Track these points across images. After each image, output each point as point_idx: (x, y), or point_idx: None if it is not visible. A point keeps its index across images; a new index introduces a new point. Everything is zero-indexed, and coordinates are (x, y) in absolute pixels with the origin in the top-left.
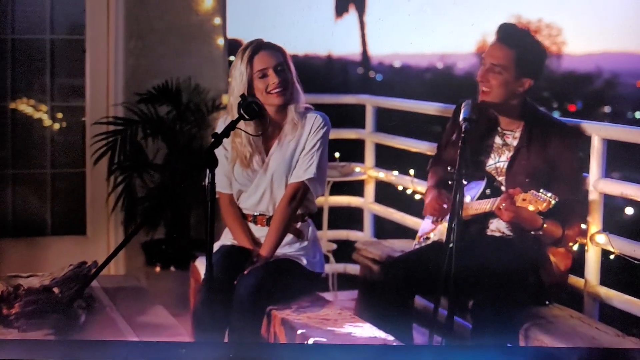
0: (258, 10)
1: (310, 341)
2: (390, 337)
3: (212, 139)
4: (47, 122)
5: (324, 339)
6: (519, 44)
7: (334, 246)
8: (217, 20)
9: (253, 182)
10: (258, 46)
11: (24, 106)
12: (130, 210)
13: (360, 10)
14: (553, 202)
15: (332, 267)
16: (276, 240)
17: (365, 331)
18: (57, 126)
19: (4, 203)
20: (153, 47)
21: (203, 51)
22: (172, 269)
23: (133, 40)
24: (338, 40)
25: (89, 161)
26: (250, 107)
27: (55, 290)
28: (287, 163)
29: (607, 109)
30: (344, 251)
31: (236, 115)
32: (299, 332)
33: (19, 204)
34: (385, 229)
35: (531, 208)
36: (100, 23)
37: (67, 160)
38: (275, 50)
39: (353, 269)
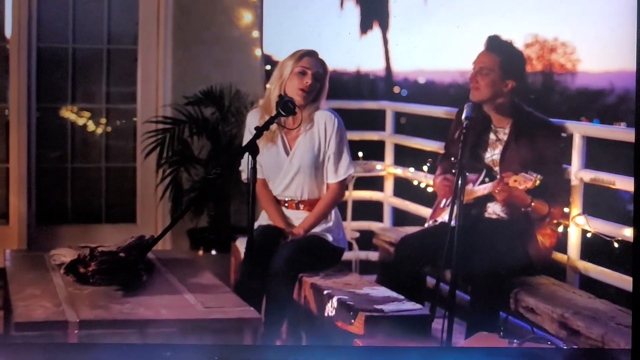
0: (292, 26)
1: (335, 299)
2: (401, 297)
3: (255, 131)
4: (102, 122)
5: (346, 297)
6: (503, 51)
7: (357, 234)
8: (255, 34)
9: (282, 171)
10: (311, 52)
11: (82, 108)
12: (177, 201)
13: (384, 28)
14: (538, 181)
15: (355, 254)
16: (314, 223)
17: (380, 292)
18: (111, 126)
19: (64, 193)
20: (198, 57)
21: (242, 61)
22: (213, 252)
23: (180, 50)
24: (365, 56)
25: (140, 157)
26: (286, 105)
27: (122, 254)
28: (312, 157)
29: (622, 125)
30: (367, 240)
31: (272, 110)
32: (325, 292)
33: (77, 194)
34: (402, 219)
35: (521, 187)
36: (151, 35)
37: (119, 156)
38: (321, 62)
39: (374, 255)
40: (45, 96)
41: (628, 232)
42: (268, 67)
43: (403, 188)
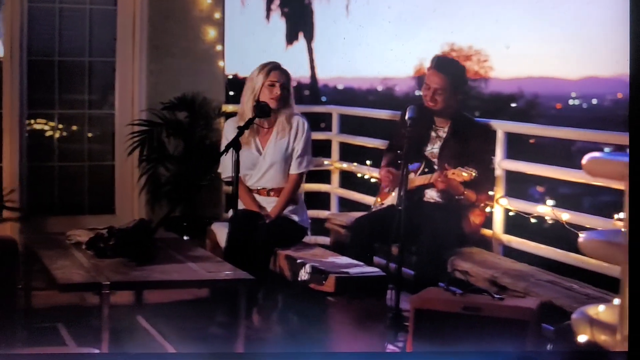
0: (248, 42)
1: (307, 265)
2: (361, 263)
3: (237, 130)
4: (84, 126)
5: (317, 264)
6: (450, 71)
7: (309, 221)
8: (219, 47)
9: (256, 166)
10: (276, 66)
11: (66, 114)
12: (155, 193)
13: (309, 38)
14: (474, 174)
15: (308, 239)
16: (282, 207)
17: (343, 260)
18: (91, 129)
19: (51, 189)
20: (170, 68)
21: (208, 71)
22: (185, 237)
23: (154, 62)
24: (291, 65)
25: (118, 155)
26: (263, 108)
27: (134, 233)
28: (283, 154)
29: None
30: (318, 226)
31: (248, 116)
32: (297, 261)
33: (62, 189)
34: (347, 207)
35: (458, 179)
36: (127, 48)
37: (100, 155)
38: (286, 72)
39: (323, 240)
40: (34, 104)
41: (541, 210)
42: (230, 76)
43: (348, 180)
